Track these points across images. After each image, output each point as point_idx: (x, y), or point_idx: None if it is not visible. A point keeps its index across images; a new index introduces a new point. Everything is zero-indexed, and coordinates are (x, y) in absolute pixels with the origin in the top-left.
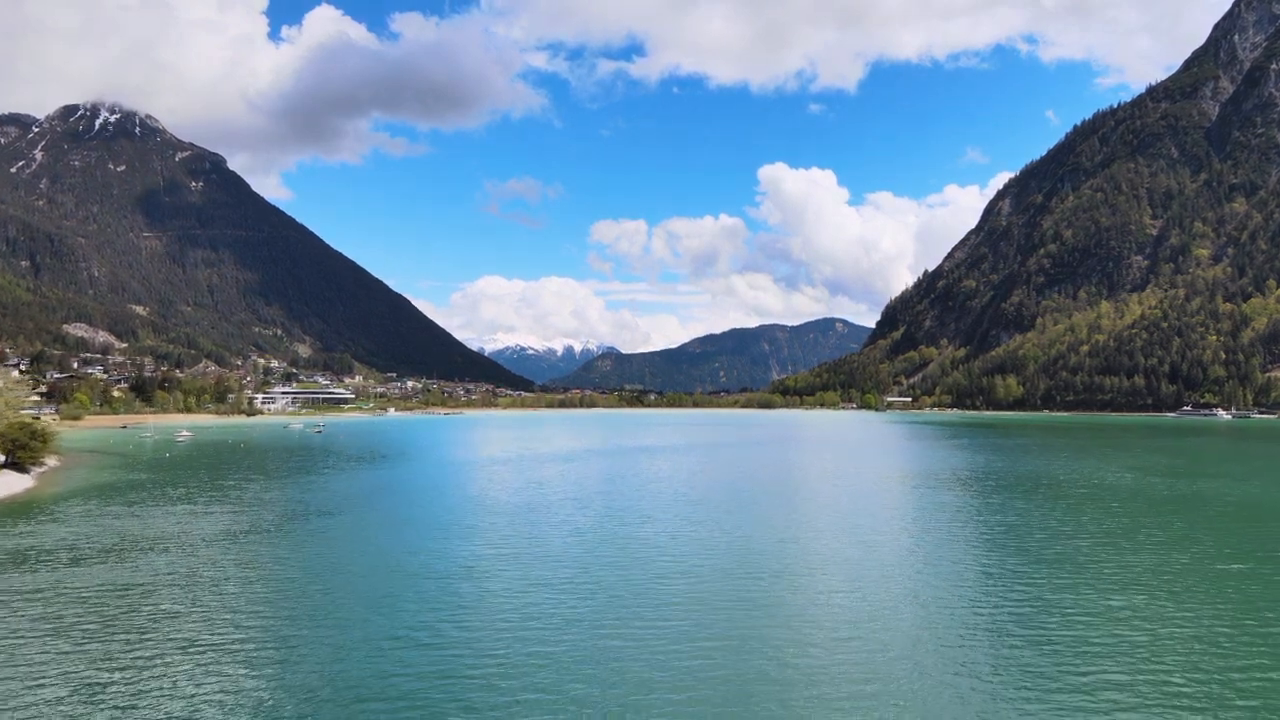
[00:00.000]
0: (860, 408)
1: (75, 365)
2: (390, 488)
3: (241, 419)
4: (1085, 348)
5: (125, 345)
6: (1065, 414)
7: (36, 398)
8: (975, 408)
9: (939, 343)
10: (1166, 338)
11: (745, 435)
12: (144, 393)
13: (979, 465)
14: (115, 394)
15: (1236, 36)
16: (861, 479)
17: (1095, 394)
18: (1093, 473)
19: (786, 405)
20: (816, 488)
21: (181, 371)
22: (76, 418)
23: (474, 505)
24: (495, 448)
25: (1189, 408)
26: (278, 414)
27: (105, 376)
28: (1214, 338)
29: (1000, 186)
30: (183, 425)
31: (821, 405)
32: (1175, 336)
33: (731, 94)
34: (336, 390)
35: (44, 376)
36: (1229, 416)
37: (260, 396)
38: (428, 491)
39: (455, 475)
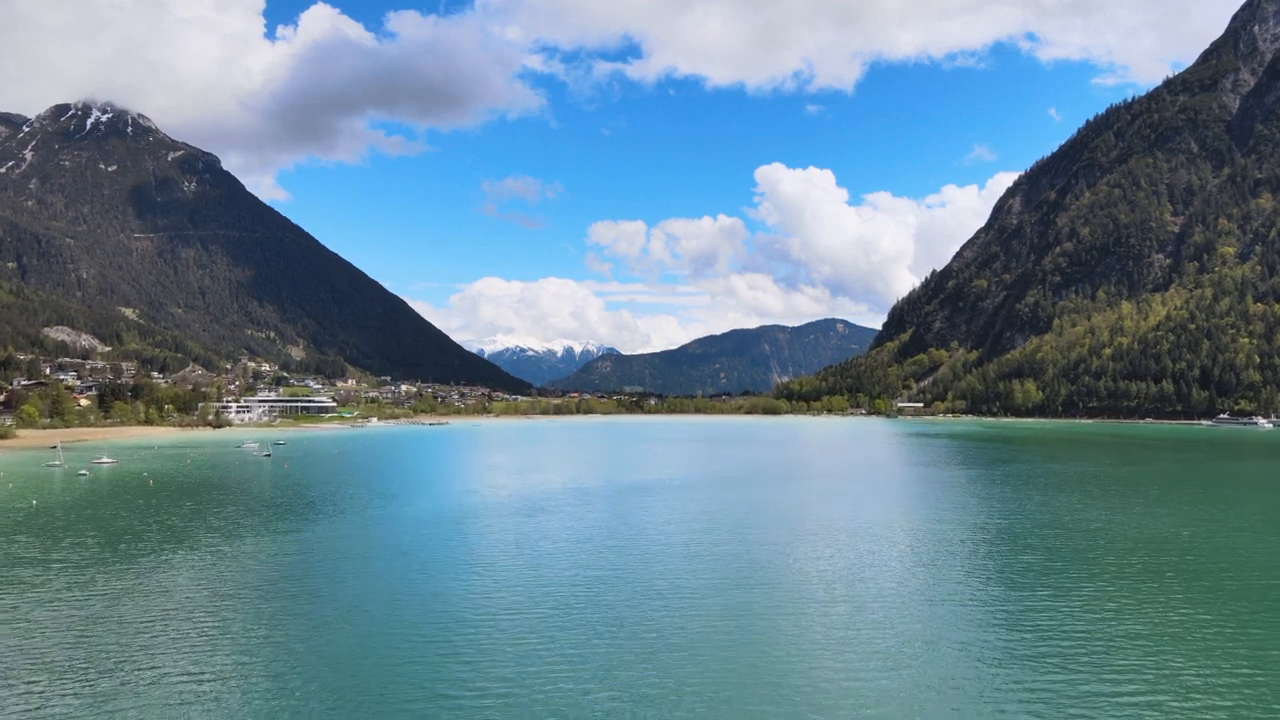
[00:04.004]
0: (869, 413)
1: (47, 371)
2: (248, 590)
3: (206, 432)
4: (1108, 351)
5: (109, 349)
6: (1091, 422)
7: None
8: (992, 413)
9: (949, 345)
10: (1195, 340)
11: (760, 460)
12: (105, 402)
13: (1079, 518)
14: (84, 402)
15: (1256, 27)
16: (935, 550)
17: (1120, 400)
18: (1258, 542)
19: (792, 410)
20: (889, 576)
21: (166, 376)
22: (3, 436)
23: (364, 640)
24: (456, 483)
25: (1225, 415)
26: (251, 425)
27: (78, 383)
28: (1246, 340)
29: (1003, 185)
30: (105, 448)
31: (828, 411)
32: (1204, 339)
33: (728, 95)
34: (318, 398)
35: (9, 383)
36: (1270, 425)
37: (235, 406)
38: (295, 613)
39: (365, 557)
